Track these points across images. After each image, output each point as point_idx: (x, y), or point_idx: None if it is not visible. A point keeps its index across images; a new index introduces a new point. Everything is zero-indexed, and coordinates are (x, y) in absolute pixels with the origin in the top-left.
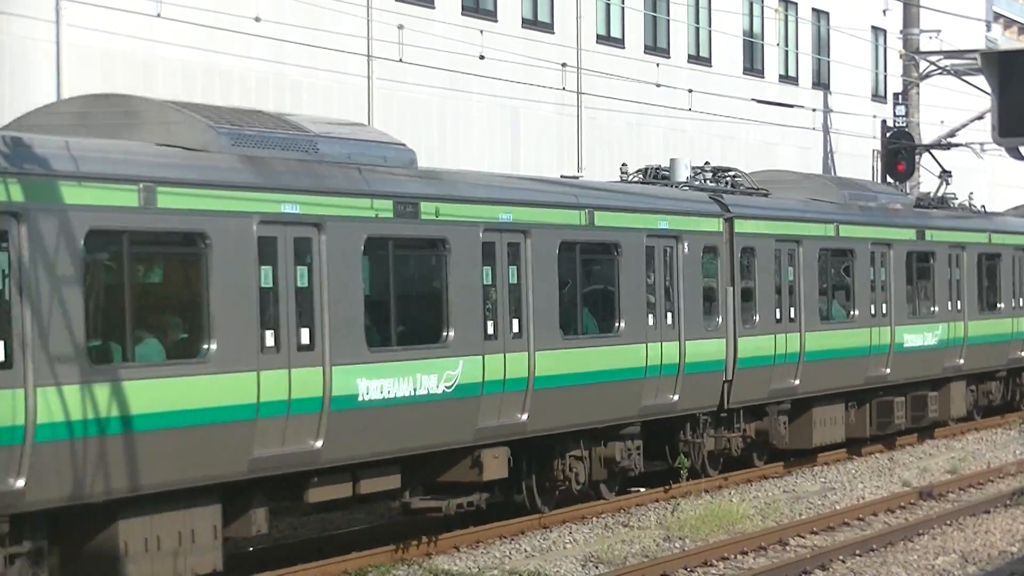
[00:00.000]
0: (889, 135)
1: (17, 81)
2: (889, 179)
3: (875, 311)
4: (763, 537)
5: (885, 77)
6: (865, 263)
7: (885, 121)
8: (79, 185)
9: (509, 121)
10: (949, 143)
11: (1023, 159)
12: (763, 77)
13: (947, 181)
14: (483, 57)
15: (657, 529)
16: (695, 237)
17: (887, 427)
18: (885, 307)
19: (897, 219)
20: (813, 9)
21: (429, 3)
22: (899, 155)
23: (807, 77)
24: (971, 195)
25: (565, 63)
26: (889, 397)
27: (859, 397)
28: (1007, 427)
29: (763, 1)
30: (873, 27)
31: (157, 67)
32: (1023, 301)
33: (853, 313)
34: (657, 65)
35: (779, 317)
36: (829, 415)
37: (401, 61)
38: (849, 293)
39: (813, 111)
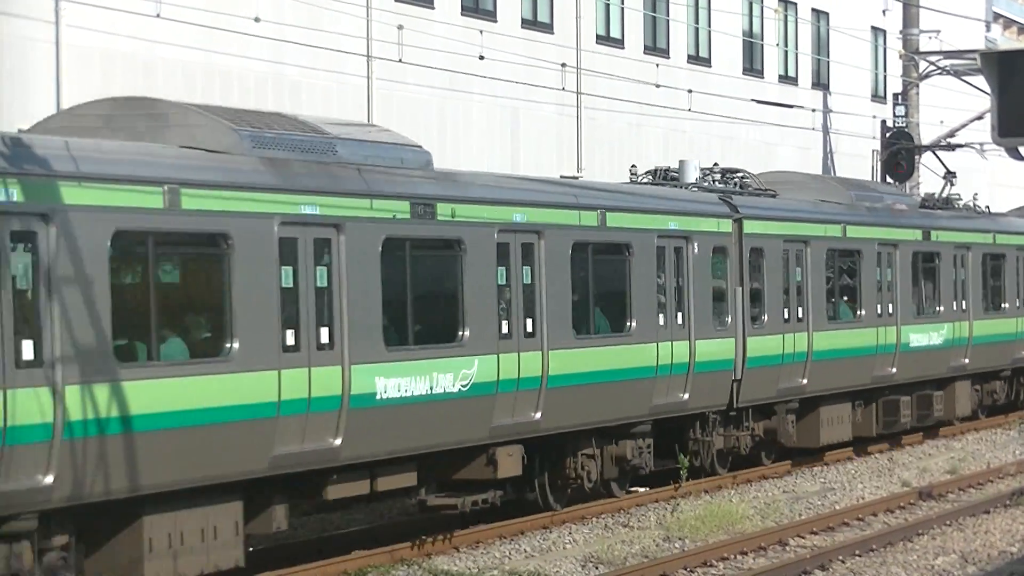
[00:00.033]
0: (889, 135)
1: (17, 82)
2: (889, 179)
3: (881, 311)
4: (763, 537)
5: (885, 77)
6: (872, 263)
7: (885, 121)
8: (106, 187)
9: (509, 121)
10: (951, 143)
11: (1023, 159)
12: (763, 77)
13: (951, 182)
14: (483, 57)
15: (657, 529)
16: (705, 238)
17: (893, 426)
18: (891, 307)
19: (903, 220)
20: (813, 9)
21: (429, 3)
22: (899, 155)
23: (807, 77)
24: (975, 196)
25: (565, 63)
26: (895, 396)
27: (866, 396)
28: (1007, 427)
29: (763, 1)
30: (873, 27)
31: (156, 67)
32: None
33: (860, 313)
34: (657, 65)
35: (787, 317)
36: (836, 414)
37: (401, 61)
38: (856, 293)
39: (813, 111)
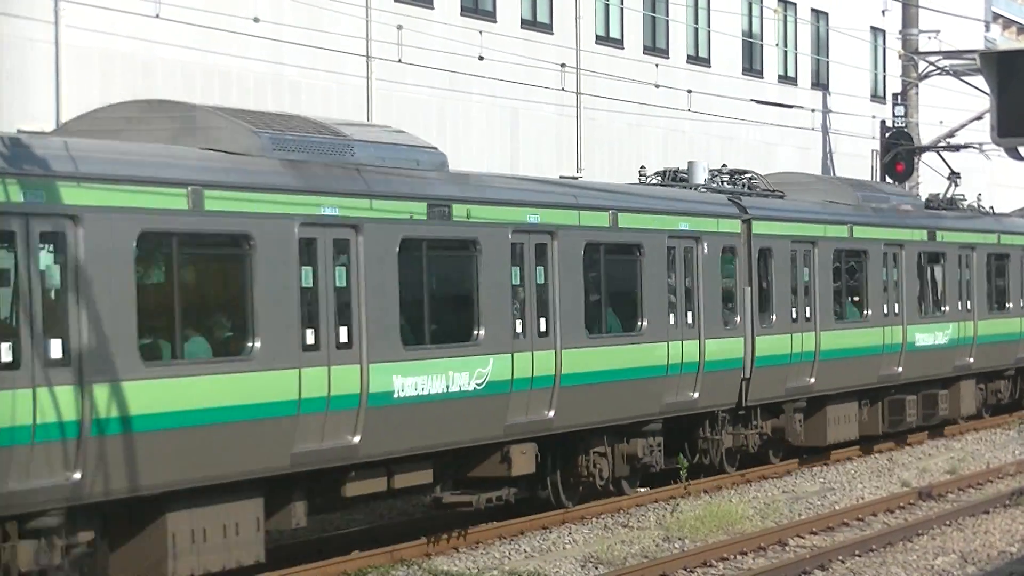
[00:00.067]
0: (888, 135)
1: (16, 82)
2: (888, 179)
3: (888, 311)
4: (762, 537)
5: (884, 77)
6: (878, 264)
7: (884, 121)
8: (131, 189)
9: (508, 122)
10: (953, 144)
11: (1022, 159)
12: (762, 78)
13: (956, 182)
14: (482, 58)
15: (656, 529)
16: (714, 238)
17: (899, 425)
18: (897, 307)
19: (909, 220)
20: (812, 9)
21: (428, 4)
22: (898, 155)
23: (806, 77)
24: (979, 196)
25: (564, 64)
26: (901, 395)
27: (872, 395)
28: (1007, 427)
29: (762, 2)
30: (872, 27)
31: (156, 68)
32: None
33: (866, 313)
34: (656, 66)
35: (795, 317)
36: (843, 413)
37: (400, 62)
38: (862, 293)
39: (812, 111)
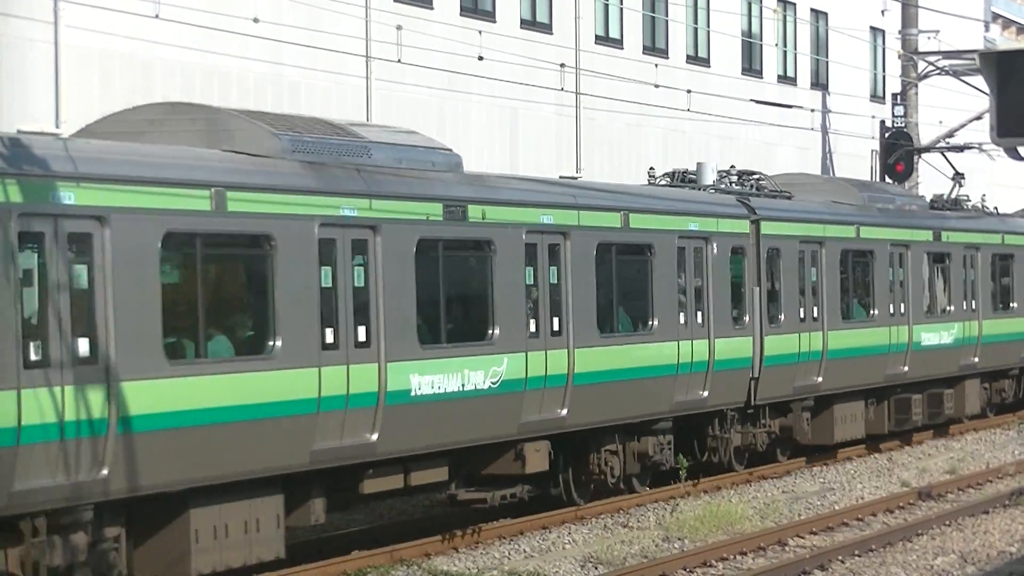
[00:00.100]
0: (888, 136)
1: (16, 82)
2: (888, 179)
3: (894, 311)
4: (762, 537)
5: (884, 77)
6: (884, 264)
7: (884, 121)
8: (157, 190)
9: (508, 122)
10: (956, 144)
11: (1022, 159)
12: (762, 78)
13: (960, 183)
14: (482, 58)
15: (656, 530)
16: (724, 238)
17: (905, 424)
18: (903, 307)
19: (914, 221)
20: (812, 9)
21: (428, 4)
22: (898, 156)
23: (806, 77)
24: (983, 197)
25: (564, 64)
26: (907, 394)
27: (878, 394)
28: (1006, 427)
29: (762, 2)
30: (872, 27)
31: (155, 68)
32: None
33: (873, 312)
34: (656, 66)
35: (803, 316)
36: (850, 412)
37: (400, 62)
38: (869, 293)
39: (812, 111)
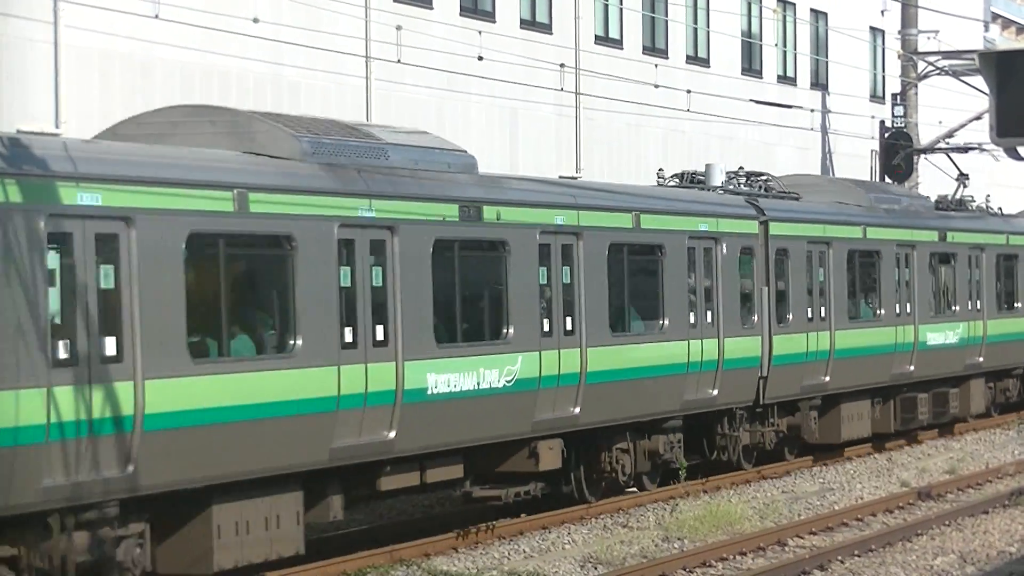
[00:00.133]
0: (887, 136)
1: (16, 82)
2: (888, 179)
3: (900, 311)
4: (762, 537)
5: (883, 77)
6: (890, 264)
7: (883, 122)
8: (181, 191)
9: (508, 122)
10: (957, 145)
11: (1021, 159)
12: (761, 78)
13: (964, 184)
14: (481, 58)
15: (656, 530)
16: (733, 239)
17: (911, 423)
18: (909, 306)
19: (920, 221)
20: (811, 10)
21: (427, 4)
22: (900, 157)
23: (805, 78)
24: (988, 197)
25: (563, 64)
26: (913, 394)
27: (884, 393)
28: (1006, 427)
29: (761, 2)
30: (871, 27)
31: (155, 68)
32: None
33: (879, 312)
34: (655, 66)
35: (811, 316)
36: (856, 411)
37: (399, 62)
38: (875, 293)
39: (811, 112)
